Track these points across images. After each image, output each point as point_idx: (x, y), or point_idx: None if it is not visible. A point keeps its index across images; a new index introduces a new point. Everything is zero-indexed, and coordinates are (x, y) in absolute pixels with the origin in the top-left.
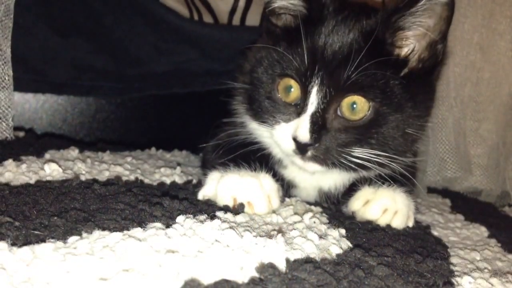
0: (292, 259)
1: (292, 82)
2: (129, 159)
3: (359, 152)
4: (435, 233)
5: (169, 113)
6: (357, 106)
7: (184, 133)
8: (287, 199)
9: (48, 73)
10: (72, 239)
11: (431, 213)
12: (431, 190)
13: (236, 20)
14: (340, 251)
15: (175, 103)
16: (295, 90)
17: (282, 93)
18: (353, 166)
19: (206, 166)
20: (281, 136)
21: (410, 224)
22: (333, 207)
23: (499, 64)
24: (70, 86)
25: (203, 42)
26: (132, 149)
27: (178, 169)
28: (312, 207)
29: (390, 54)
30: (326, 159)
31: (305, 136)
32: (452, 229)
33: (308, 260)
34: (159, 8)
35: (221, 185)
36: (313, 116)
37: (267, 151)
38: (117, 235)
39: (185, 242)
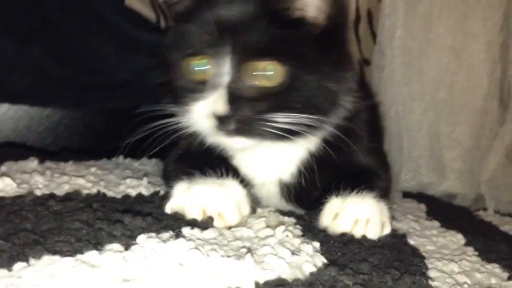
0: (262, 281)
1: (200, 58)
2: (93, 169)
3: (282, 117)
4: (412, 242)
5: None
6: (271, 72)
7: (155, 140)
8: (259, 210)
9: (4, 81)
10: (18, 266)
11: (407, 220)
12: (406, 195)
13: None
14: (313, 269)
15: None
16: (206, 65)
17: (192, 71)
18: (281, 133)
19: (170, 177)
20: (198, 115)
21: (386, 231)
22: (307, 217)
23: (472, 68)
24: (26, 95)
25: (162, 50)
26: (99, 158)
27: (145, 180)
28: (286, 218)
29: (293, 16)
30: (251, 129)
31: (222, 108)
32: (428, 237)
33: (279, 282)
34: (115, 17)
35: (188, 197)
36: (229, 86)
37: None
38: (68, 260)
39: (145, 266)
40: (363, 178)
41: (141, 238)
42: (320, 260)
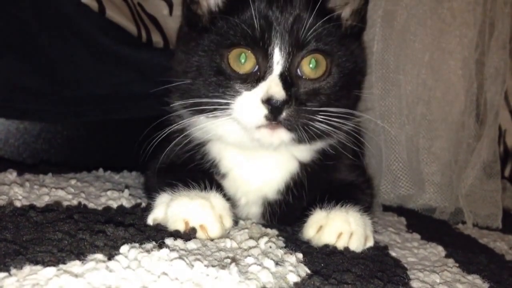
0: None
1: (244, 50)
2: (73, 181)
3: (323, 113)
4: (393, 253)
5: (120, 132)
6: (317, 64)
7: (135, 153)
8: (241, 222)
9: None
10: None
11: (388, 232)
12: (386, 208)
13: None
14: (298, 279)
15: (125, 121)
16: (250, 58)
17: (234, 64)
18: (317, 131)
19: (152, 189)
20: (246, 106)
21: (369, 244)
22: (290, 229)
23: (449, 83)
24: (2, 108)
25: (142, 65)
26: (79, 171)
27: (126, 192)
28: (268, 230)
29: (334, 13)
30: (297, 123)
31: (280, 93)
32: (409, 249)
33: None
34: (95, 30)
35: (171, 209)
36: (282, 75)
37: (208, 164)
38: (50, 270)
39: (129, 276)
40: (347, 192)
41: (125, 248)
42: (304, 271)
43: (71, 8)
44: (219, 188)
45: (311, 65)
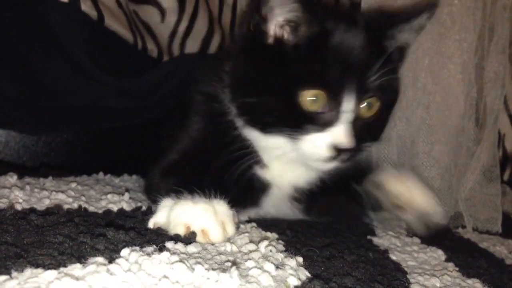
0: None
1: (319, 92)
2: (73, 185)
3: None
4: (393, 257)
5: (120, 135)
6: (371, 105)
7: (136, 156)
8: (242, 226)
9: None
10: (0, 279)
11: (388, 236)
12: None
13: (175, 46)
14: (298, 283)
15: (126, 125)
16: (322, 99)
17: (307, 103)
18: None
19: (155, 191)
20: (313, 146)
21: None
22: (289, 233)
23: (449, 88)
24: None
25: (123, 89)
26: (79, 174)
27: (127, 195)
28: (268, 233)
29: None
30: (350, 159)
31: (350, 142)
32: (409, 253)
33: None
34: (81, 54)
35: (174, 213)
36: (350, 122)
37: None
38: (51, 273)
39: (129, 279)
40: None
41: (125, 252)
42: (304, 274)
43: (59, 23)
44: (224, 196)
45: (367, 107)
